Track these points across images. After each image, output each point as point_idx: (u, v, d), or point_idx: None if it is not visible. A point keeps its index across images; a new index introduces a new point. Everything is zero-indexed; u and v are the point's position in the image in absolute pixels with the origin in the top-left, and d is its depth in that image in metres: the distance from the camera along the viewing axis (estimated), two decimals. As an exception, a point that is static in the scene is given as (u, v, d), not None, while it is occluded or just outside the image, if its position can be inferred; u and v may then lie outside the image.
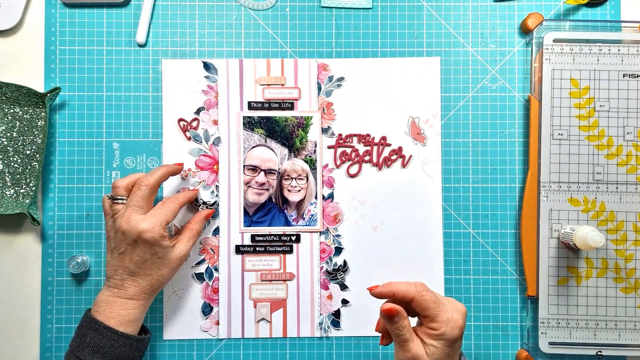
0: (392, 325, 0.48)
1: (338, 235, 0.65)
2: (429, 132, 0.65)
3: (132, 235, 0.54)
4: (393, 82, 0.65)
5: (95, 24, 0.65)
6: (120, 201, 0.57)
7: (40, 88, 0.65)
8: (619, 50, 0.63)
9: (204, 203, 0.64)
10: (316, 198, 0.65)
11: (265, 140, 0.65)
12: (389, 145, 0.65)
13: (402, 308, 0.48)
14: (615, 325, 0.62)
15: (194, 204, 0.64)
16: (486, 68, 0.66)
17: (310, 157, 0.65)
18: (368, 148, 0.65)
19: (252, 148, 0.65)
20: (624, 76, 0.63)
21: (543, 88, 0.63)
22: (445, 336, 0.47)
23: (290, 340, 0.65)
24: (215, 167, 0.65)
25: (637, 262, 0.63)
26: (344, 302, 0.65)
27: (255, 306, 0.64)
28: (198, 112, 0.65)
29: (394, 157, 0.65)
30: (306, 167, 0.65)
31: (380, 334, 0.53)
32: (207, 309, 0.64)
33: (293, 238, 0.65)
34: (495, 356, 0.65)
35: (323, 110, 0.65)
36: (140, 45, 0.65)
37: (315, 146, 0.65)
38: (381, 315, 0.49)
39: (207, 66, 0.65)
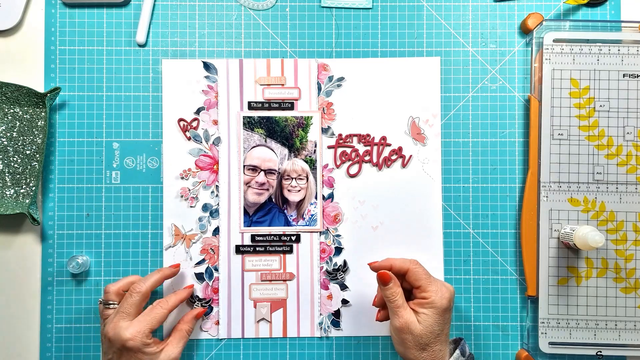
0: (387, 291, 0.54)
1: (338, 235, 0.65)
2: (429, 132, 0.65)
3: (116, 344, 0.54)
4: (393, 82, 0.65)
5: (95, 24, 0.65)
6: (111, 306, 0.57)
7: (40, 88, 0.65)
8: (619, 50, 0.63)
9: (199, 300, 0.64)
10: (316, 198, 0.65)
11: (265, 140, 0.65)
12: (389, 145, 0.65)
13: (396, 277, 0.55)
14: (615, 325, 0.62)
15: (188, 300, 0.64)
16: (486, 68, 0.66)
17: (310, 157, 0.65)
18: (368, 148, 0.65)
19: (252, 148, 0.65)
20: (624, 76, 0.63)
21: (543, 88, 0.63)
22: (435, 304, 0.53)
23: (290, 340, 0.65)
24: (215, 167, 0.65)
25: (637, 262, 0.63)
26: (344, 302, 0.65)
27: (255, 306, 0.64)
28: (198, 112, 0.65)
29: (394, 157, 0.65)
30: (306, 167, 0.65)
31: (377, 309, 0.60)
32: (207, 309, 0.64)
33: (293, 238, 0.65)
34: (495, 356, 0.65)
35: (323, 110, 0.65)
36: (140, 45, 0.65)
37: (315, 146, 0.65)
38: (378, 283, 0.55)
39: (207, 66, 0.65)
